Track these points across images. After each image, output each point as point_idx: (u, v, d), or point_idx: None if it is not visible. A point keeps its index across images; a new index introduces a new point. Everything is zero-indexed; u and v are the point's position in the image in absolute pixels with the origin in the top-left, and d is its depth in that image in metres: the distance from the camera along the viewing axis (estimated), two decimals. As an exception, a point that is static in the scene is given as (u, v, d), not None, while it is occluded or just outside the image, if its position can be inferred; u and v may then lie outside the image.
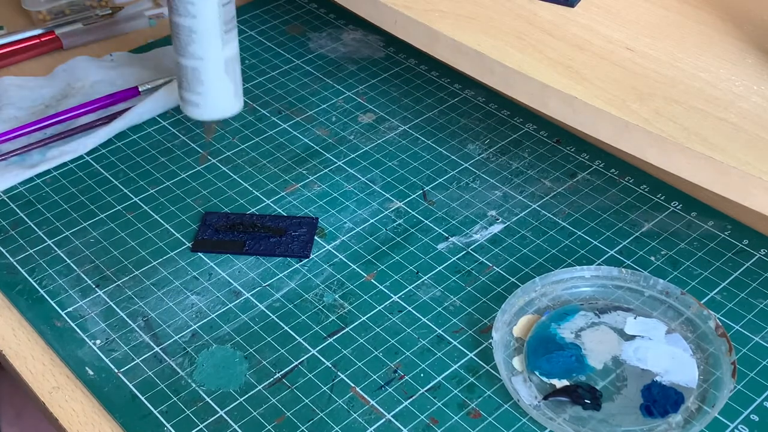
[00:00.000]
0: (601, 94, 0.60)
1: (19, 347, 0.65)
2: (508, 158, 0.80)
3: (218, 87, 0.72)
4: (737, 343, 0.63)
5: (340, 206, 0.75)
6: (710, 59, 0.63)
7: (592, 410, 0.59)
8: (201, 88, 0.72)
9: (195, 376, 0.62)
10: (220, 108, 0.74)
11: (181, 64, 0.71)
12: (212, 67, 0.71)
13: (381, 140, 0.82)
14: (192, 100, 0.73)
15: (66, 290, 0.68)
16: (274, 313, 0.66)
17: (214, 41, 0.70)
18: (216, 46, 0.70)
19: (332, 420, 0.59)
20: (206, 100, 0.73)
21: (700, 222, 0.73)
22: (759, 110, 0.58)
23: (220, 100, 0.73)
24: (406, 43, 0.73)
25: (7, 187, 0.77)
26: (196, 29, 0.69)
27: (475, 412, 0.60)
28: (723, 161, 0.55)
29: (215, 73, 0.71)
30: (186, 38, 0.70)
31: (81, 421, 0.60)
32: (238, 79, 0.74)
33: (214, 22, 0.69)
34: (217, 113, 0.74)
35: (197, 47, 0.70)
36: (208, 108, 0.74)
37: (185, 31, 0.70)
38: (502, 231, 0.73)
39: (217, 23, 0.70)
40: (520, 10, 0.68)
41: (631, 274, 0.67)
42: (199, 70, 0.71)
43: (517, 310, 0.65)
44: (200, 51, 0.70)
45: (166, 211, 0.75)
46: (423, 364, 0.63)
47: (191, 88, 0.72)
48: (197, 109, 0.74)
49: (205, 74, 0.71)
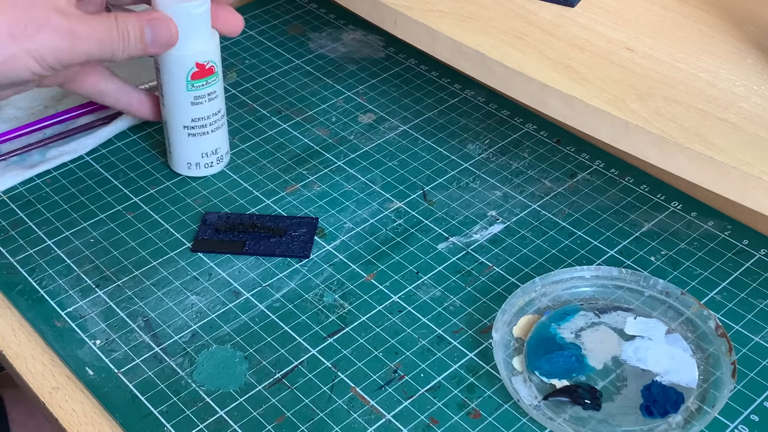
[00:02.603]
0: (601, 94, 0.60)
1: (19, 347, 0.65)
2: (508, 158, 0.80)
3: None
4: (737, 343, 0.63)
5: (340, 206, 0.75)
6: (710, 59, 0.63)
7: (592, 410, 0.59)
8: (169, 144, 0.76)
9: (195, 377, 0.62)
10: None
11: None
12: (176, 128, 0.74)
13: (381, 140, 0.82)
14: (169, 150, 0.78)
15: (66, 290, 0.68)
16: (274, 313, 0.66)
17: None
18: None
19: (332, 420, 0.59)
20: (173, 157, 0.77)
21: (700, 222, 0.73)
22: (759, 110, 0.58)
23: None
24: (406, 43, 0.73)
25: (7, 187, 0.77)
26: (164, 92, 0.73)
27: (475, 412, 0.60)
28: (723, 161, 0.55)
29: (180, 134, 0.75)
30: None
31: (81, 422, 0.60)
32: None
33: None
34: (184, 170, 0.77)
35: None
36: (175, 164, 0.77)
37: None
38: (502, 231, 0.73)
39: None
40: (520, 10, 0.68)
41: (631, 274, 0.67)
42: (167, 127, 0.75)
43: (517, 310, 0.65)
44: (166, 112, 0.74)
45: (166, 211, 0.75)
46: (423, 364, 0.63)
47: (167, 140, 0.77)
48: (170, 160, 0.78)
49: (172, 133, 0.75)
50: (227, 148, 0.76)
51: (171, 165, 0.77)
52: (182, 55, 0.68)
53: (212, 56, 0.70)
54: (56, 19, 0.61)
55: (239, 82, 0.89)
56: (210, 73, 0.70)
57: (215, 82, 0.71)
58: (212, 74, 0.70)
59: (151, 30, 0.65)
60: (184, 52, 0.68)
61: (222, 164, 0.76)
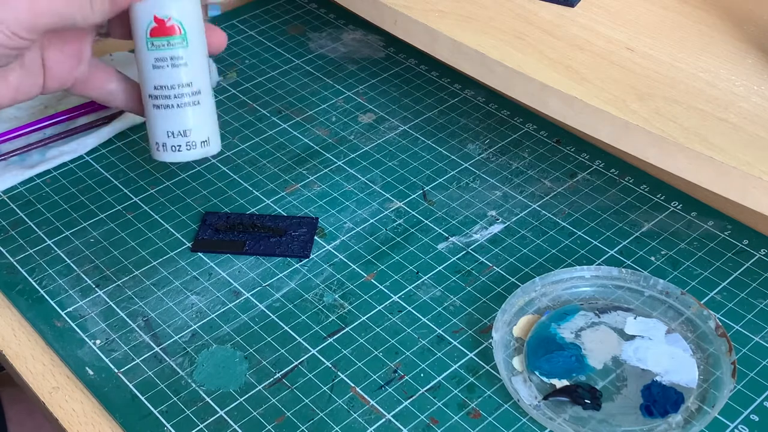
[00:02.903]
0: (601, 94, 0.60)
1: (19, 347, 0.65)
2: (508, 158, 0.80)
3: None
4: (737, 343, 0.63)
5: (340, 206, 0.75)
6: (710, 59, 0.63)
7: (592, 410, 0.59)
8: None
9: (195, 376, 0.62)
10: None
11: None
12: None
13: (381, 140, 0.82)
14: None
15: (66, 290, 0.68)
16: (274, 313, 0.66)
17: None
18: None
19: (332, 420, 0.59)
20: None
21: (700, 222, 0.73)
22: (759, 110, 0.58)
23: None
24: (406, 43, 0.73)
25: (7, 187, 0.77)
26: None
27: (475, 412, 0.60)
28: (723, 161, 0.55)
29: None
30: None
31: (81, 421, 0.60)
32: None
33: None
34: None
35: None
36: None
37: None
38: (502, 231, 0.73)
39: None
40: (520, 10, 0.68)
41: (631, 274, 0.67)
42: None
43: (517, 310, 0.65)
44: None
45: (166, 211, 0.75)
46: (423, 364, 0.63)
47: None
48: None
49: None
50: (207, 135, 0.65)
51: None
52: (142, 8, 0.61)
53: (175, 13, 0.62)
54: None
55: (239, 82, 0.89)
56: (171, 33, 0.62)
57: (180, 46, 0.62)
58: (174, 35, 0.62)
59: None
60: (144, 4, 0.61)
61: (195, 151, 0.64)
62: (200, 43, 0.63)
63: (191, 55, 0.63)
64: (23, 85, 0.60)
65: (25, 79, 0.59)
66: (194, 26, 0.63)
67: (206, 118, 0.65)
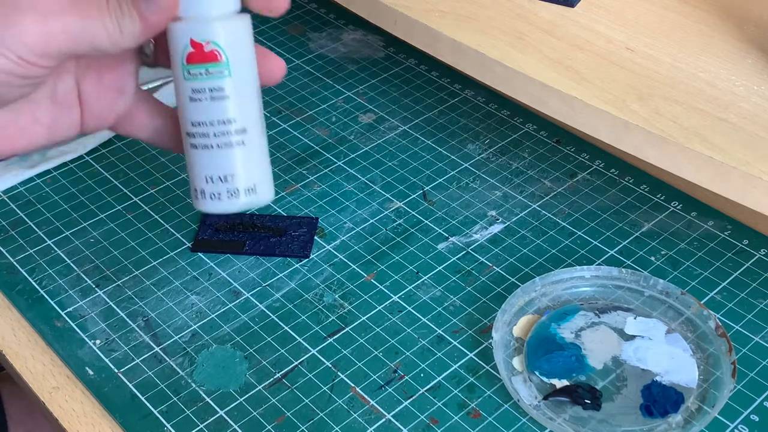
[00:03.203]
0: (601, 94, 0.60)
1: (19, 347, 0.65)
2: (508, 158, 0.80)
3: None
4: (737, 343, 0.63)
5: (340, 206, 0.75)
6: (710, 59, 0.63)
7: (592, 410, 0.59)
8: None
9: (195, 376, 0.62)
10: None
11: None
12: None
13: (381, 140, 0.82)
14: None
15: (66, 290, 0.68)
16: (274, 313, 0.66)
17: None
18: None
19: (332, 420, 0.59)
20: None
21: (700, 222, 0.73)
22: (759, 110, 0.58)
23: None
24: (406, 43, 0.73)
25: (7, 187, 0.77)
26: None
27: (475, 412, 0.60)
28: (723, 161, 0.55)
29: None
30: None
31: (81, 421, 0.60)
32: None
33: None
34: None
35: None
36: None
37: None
38: (502, 231, 0.73)
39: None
40: (520, 10, 0.68)
41: (631, 274, 0.67)
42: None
43: (517, 310, 0.65)
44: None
45: (166, 211, 0.75)
46: (423, 364, 0.63)
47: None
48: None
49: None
50: (254, 182, 0.54)
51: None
52: (178, 29, 0.51)
53: (216, 36, 0.52)
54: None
55: (239, 82, 0.89)
56: (211, 59, 0.52)
57: (221, 75, 0.52)
58: (214, 62, 0.52)
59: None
60: (181, 25, 0.51)
61: (238, 201, 0.53)
62: (248, 72, 0.53)
63: (236, 86, 0.53)
64: (58, 123, 0.51)
65: (59, 115, 0.51)
66: (240, 52, 0.53)
67: (253, 161, 0.55)
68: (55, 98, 0.50)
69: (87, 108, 0.52)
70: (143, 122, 0.55)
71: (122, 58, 0.52)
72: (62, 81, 0.51)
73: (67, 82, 0.51)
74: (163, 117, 0.55)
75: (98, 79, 0.51)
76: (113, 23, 0.48)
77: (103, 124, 0.54)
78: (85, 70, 0.51)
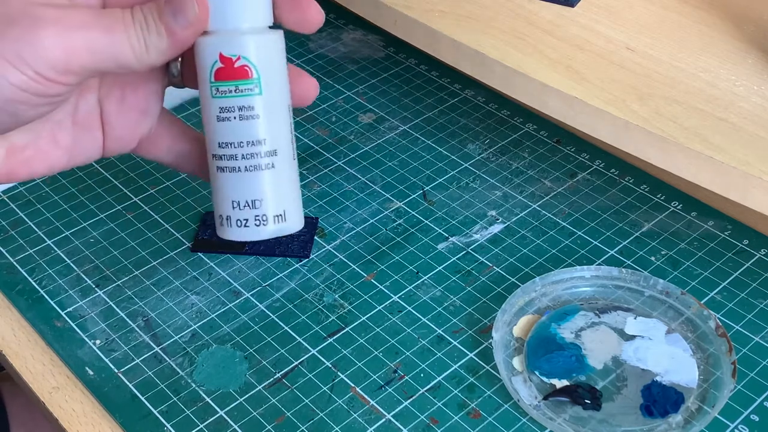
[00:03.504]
0: (601, 94, 0.60)
1: (19, 347, 0.65)
2: (508, 158, 0.80)
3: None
4: (737, 343, 0.63)
5: (340, 206, 0.75)
6: (710, 59, 0.63)
7: (592, 410, 0.59)
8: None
9: (195, 376, 0.62)
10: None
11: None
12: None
13: (381, 140, 0.82)
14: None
15: (66, 290, 0.68)
16: (274, 313, 0.66)
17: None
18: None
19: (332, 420, 0.59)
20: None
21: (700, 222, 0.73)
22: (759, 110, 0.58)
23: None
24: (406, 43, 0.73)
25: (7, 187, 0.77)
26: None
27: (475, 412, 0.60)
28: (723, 161, 0.55)
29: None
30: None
31: (81, 421, 0.60)
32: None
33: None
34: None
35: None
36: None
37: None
38: (502, 231, 0.73)
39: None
40: (520, 10, 0.68)
41: (631, 274, 0.67)
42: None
43: (517, 310, 0.65)
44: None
45: (166, 211, 0.75)
46: (423, 364, 0.63)
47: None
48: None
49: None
50: (283, 208, 0.51)
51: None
52: (206, 44, 0.48)
53: (247, 51, 0.49)
54: (36, 9, 0.43)
55: (239, 82, 0.89)
56: (241, 76, 0.49)
57: (252, 93, 0.49)
58: (245, 78, 0.49)
59: (171, 3, 0.45)
60: (210, 39, 0.48)
61: (266, 228, 0.50)
62: (280, 90, 0.50)
63: (267, 105, 0.49)
64: (79, 146, 0.49)
65: (80, 137, 0.49)
66: (272, 69, 0.50)
67: (283, 186, 0.51)
68: (76, 119, 0.48)
69: (109, 130, 0.49)
70: (167, 145, 0.52)
71: (147, 77, 0.49)
72: (84, 100, 0.48)
73: (90, 102, 0.48)
74: (188, 140, 0.52)
75: (121, 99, 0.49)
76: (139, 39, 0.45)
77: (126, 147, 0.51)
78: (108, 89, 0.48)
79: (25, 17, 0.43)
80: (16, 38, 0.42)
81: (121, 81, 0.48)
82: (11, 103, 0.43)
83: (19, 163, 0.48)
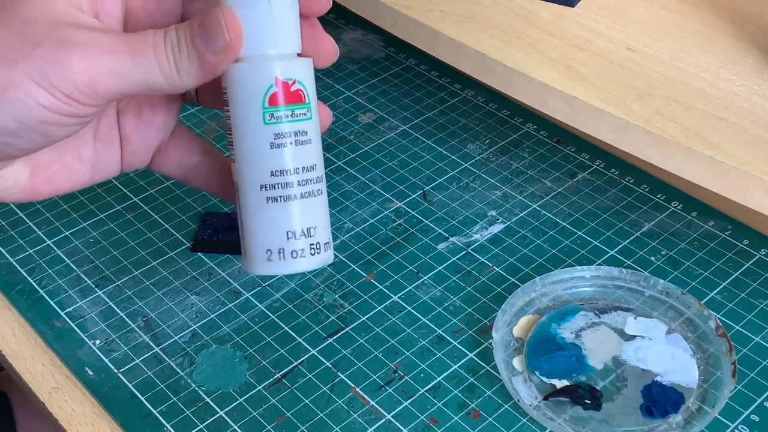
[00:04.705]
0: (601, 94, 0.60)
1: (19, 347, 0.65)
2: (508, 158, 0.80)
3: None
4: (737, 343, 0.63)
5: (340, 206, 0.75)
6: (710, 59, 0.63)
7: (592, 410, 0.59)
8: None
9: (195, 376, 0.62)
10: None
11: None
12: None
13: (381, 140, 0.82)
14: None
15: (66, 290, 0.68)
16: (274, 313, 0.66)
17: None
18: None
19: (332, 420, 0.59)
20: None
21: (700, 222, 0.73)
22: (759, 110, 0.58)
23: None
24: (406, 43, 0.73)
25: (6, 187, 0.77)
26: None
27: (475, 412, 0.60)
28: (723, 161, 0.55)
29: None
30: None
31: (81, 422, 0.60)
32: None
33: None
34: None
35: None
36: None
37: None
38: (502, 231, 0.73)
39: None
40: (520, 9, 0.68)
41: (631, 274, 0.67)
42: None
43: (518, 310, 0.65)
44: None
45: (166, 211, 0.75)
46: (423, 364, 0.63)
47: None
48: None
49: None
50: (329, 236, 0.48)
51: (243, 259, 0.51)
52: (255, 68, 0.46)
53: (301, 76, 0.47)
54: (65, 31, 0.43)
55: (239, 82, 0.89)
56: (297, 100, 0.46)
57: (305, 117, 0.47)
58: (300, 103, 0.47)
59: (203, 29, 0.44)
60: (258, 64, 0.45)
61: (317, 257, 0.47)
62: (317, 114, 0.48)
63: (316, 129, 0.47)
64: (100, 161, 0.48)
65: (102, 152, 0.48)
66: (314, 93, 0.48)
67: (327, 213, 0.49)
68: (98, 134, 0.48)
69: (127, 145, 0.49)
70: (176, 158, 0.51)
71: (167, 95, 0.48)
72: (105, 116, 0.48)
73: (110, 117, 0.48)
74: (200, 154, 0.51)
75: (137, 115, 0.49)
76: (170, 64, 0.44)
77: (142, 162, 0.50)
78: (125, 104, 0.48)
79: (51, 39, 0.42)
80: (41, 58, 0.42)
81: (138, 97, 0.48)
82: (42, 125, 0.43)
83: (43, 181, 0.47)
